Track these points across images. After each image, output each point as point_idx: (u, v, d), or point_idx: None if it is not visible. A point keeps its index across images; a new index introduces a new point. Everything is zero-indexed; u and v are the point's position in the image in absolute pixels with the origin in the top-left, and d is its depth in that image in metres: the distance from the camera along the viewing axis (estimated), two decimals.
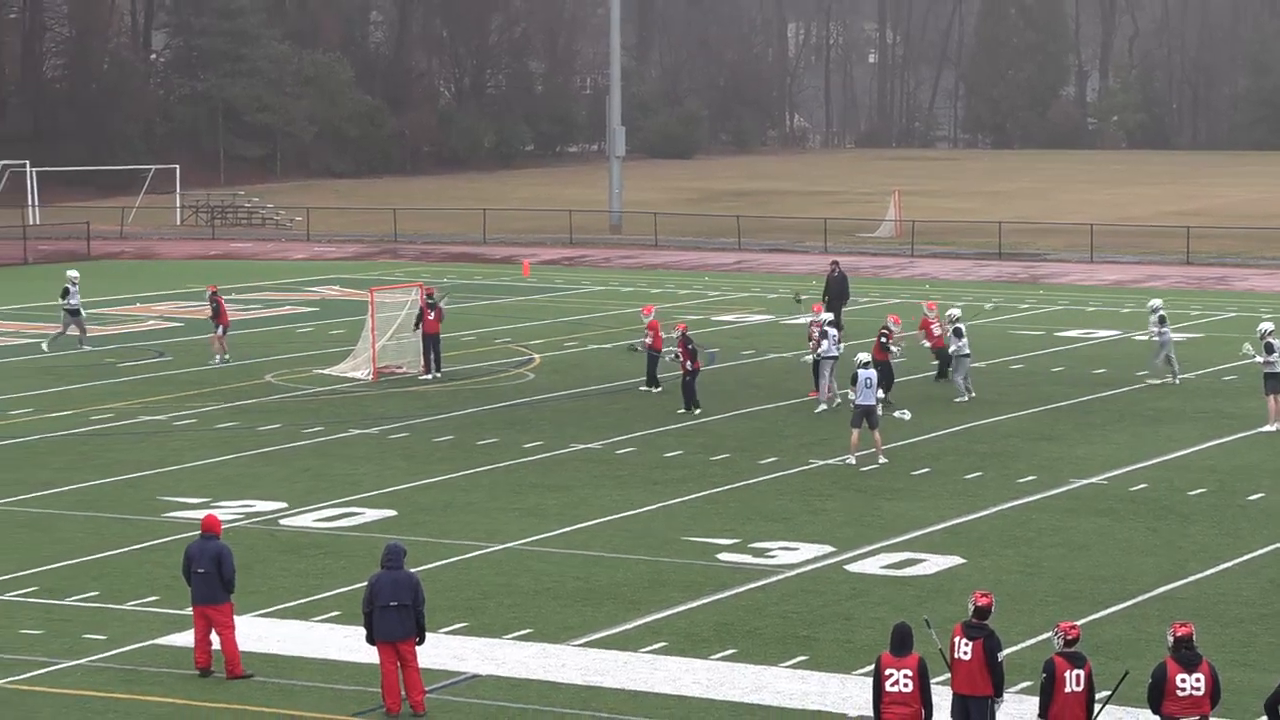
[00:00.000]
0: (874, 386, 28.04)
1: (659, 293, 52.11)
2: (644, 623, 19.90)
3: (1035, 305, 49.35)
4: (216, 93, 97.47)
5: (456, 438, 30.46)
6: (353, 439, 30.48)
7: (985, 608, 15.11)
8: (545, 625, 19.80)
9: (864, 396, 28.02)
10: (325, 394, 35.06)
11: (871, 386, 28.03)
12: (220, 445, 29.89)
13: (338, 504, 25.60)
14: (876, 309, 46.90)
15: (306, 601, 20.69)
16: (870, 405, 27.97)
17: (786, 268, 60.41)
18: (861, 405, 28.01)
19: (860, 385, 28.10)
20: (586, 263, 62.97)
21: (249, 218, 77.44)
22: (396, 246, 68.51)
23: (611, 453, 29.23)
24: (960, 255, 64.18)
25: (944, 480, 27.10)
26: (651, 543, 23.35)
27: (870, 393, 28.01)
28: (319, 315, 47.38)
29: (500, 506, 25.47)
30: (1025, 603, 20.47)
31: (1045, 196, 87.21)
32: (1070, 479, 27.12)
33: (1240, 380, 36.04)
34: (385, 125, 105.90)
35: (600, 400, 34.30)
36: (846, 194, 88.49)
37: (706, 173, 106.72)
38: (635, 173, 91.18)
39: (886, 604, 20.44)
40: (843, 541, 23.34)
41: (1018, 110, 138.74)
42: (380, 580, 17.06)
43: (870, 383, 28.05)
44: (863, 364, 28.46)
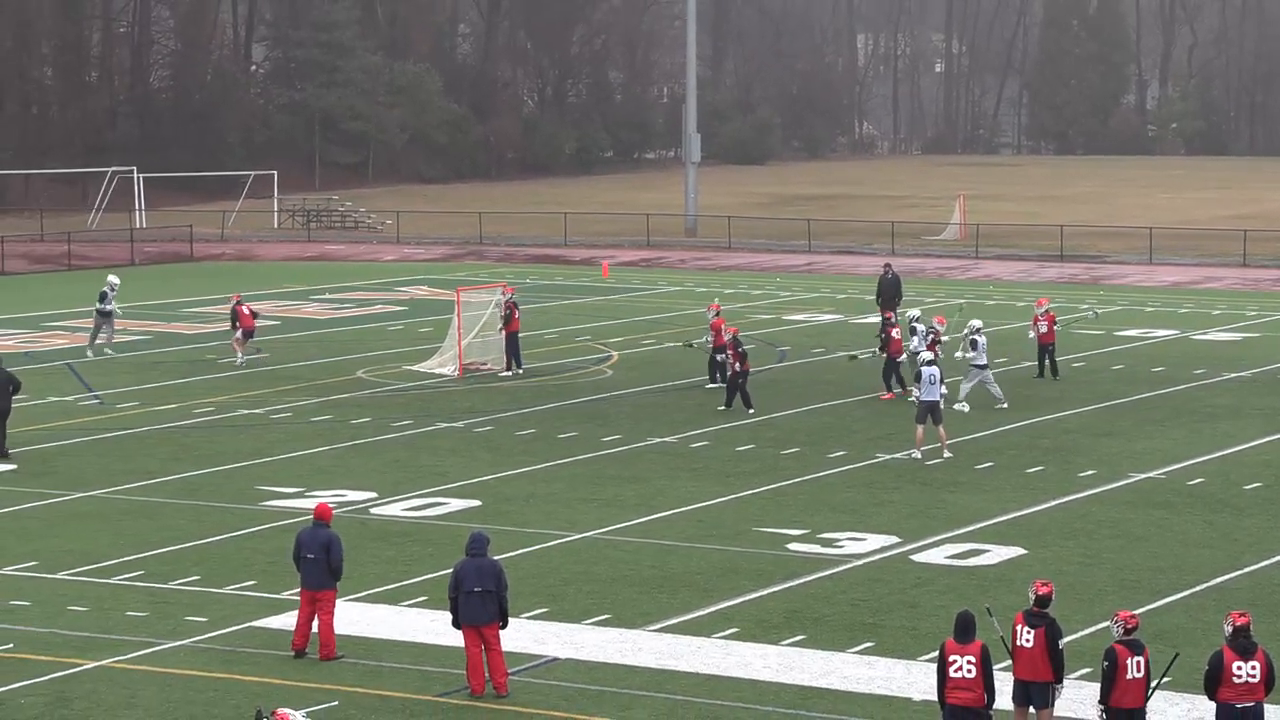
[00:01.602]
0: (938, 383, 27.90)
1: (732, 293, 52.03)
2: (717, 609, 19.88)
3: (1096, 305, 48.90)
4: (313, 102, 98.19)
5: (538, 431, 30.52)
6: (439, 432, 30.60)
7: (1046, 596, 15.00)
8: (622, 611, 19.81)
9: (928, 393, 27.90)
10: (413, 389, 35.22)
11: (935, 383, 27.91)
12: (314, 437, 30.08)
13: (425, 494, 25.71)
14: (941, 309, 46.64)
15: (395, 587, 20.79)
16: (935, 401, 27.83)
17: (856, 269, 60.17)
18: (926, 401, 27.89)
19: (924, 382, 28.02)
20: (663, 264, 62.95)
21: (342, 221, 77.92)
22: (481, 248, 68.71)
23: (686, 446, 29.20)
24: (1023, 257, 63.69)
25: (1006, 474, 26.91)
26: (724, 533, 23.32)
27: (934, 389, 27.88)
28: (408, 314, 47.60)
29: (579, 497, 25.50)
30: (1085, 592, 20.31)
31: (1106, 201, 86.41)
32: (1129, 473, 26.87)
33: None
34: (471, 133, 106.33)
35: (675, 396, 34.27)
36: (913, 198, 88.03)
37: (778, 178, 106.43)
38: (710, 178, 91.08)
39: (950, 593, 20.33)
40: (908, 532, 23.23)
41: (1080, 118, 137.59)
42: (465, 567, 17.11)
43: (934, 379, 27.94)
44: (926, 361, 28.38)
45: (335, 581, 18.20)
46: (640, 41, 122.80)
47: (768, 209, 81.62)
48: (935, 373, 28.06)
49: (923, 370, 28.15)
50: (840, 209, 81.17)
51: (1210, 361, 37.97)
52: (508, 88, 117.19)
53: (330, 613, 18.17)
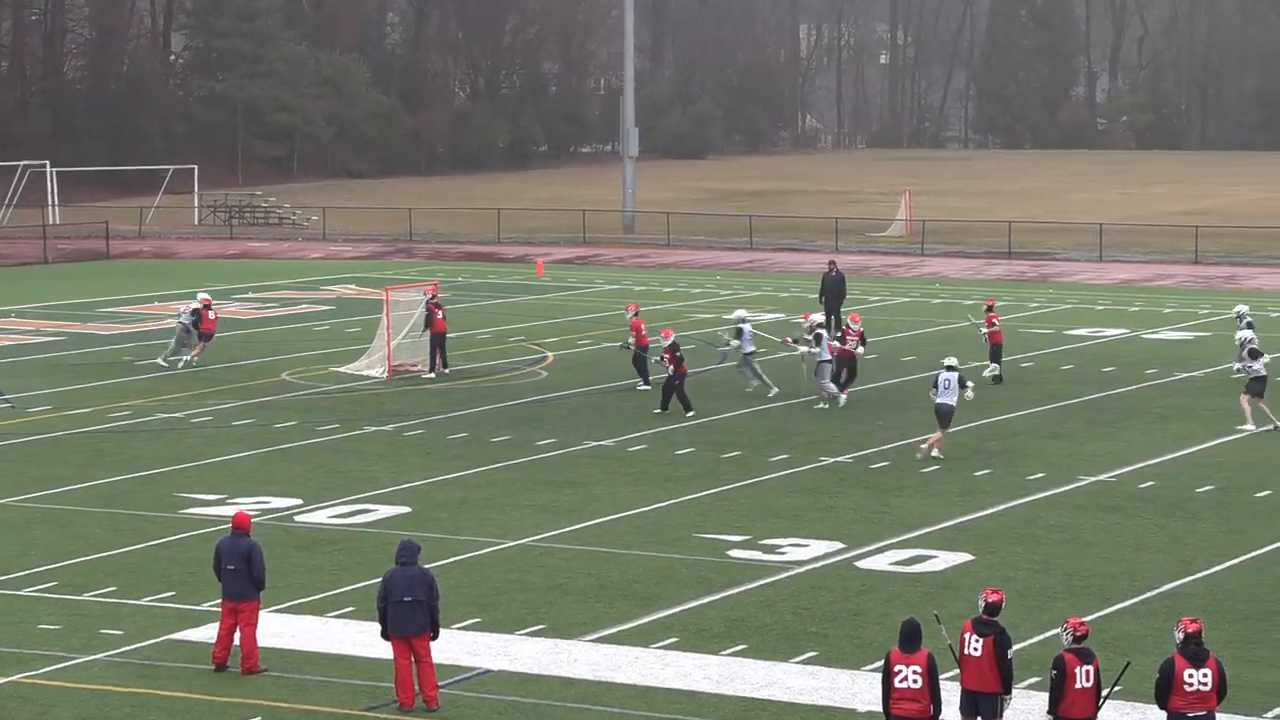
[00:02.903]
0: (953, 388, 28.36)
1: (671, 291, 52.08)
2: (655, 618, 19.87)
3: (1044, 304, 49.26)
4: (235, 93, 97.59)
5: (471, 435, 30.44)
6: (367, 436, 30.47)
7: (996, 604, 15.06)
8: (557, 621, 19.78)
9: (944, 396, 28.32)
10: (341, 392, 35.05)
11: (951, 388, 28.35)
12: (236, 442, 29.88)
13: (352, 500, 25.60)
14: (886, 308, 46.87)
15: (321, 597, 20.68)
16: (950, 405, 28.23)
17: (799, 267, 60.33)
18: (940, 405, 28.31)
19: (940, 386, 28.43)
20: (599, 262, 62.92)
21: (266, 217, 77.48)
22: (411, 246, 68.49)
23: (624, 450, 29.20)
24: (970, 254, 64.06)
25: (954, 477, 27.04)
26: (663, 539, 23.32)
27: (950, 393, 28.31)
28: (335, 314, 47.38)
29: (513, 503, 25.45)
30: (1034, 599, 20.42)
31: (1055, 196, 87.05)
32: (1079, 476, 27.06)
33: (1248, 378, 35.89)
34: (401, 125, 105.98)
35: (613, 398, 34.26)
36: (857, 193, 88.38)
37: (719, 173, 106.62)
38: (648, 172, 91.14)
39: (896, 600, 20.39)
40: (853, 538, 23.30)
41: (1028, 111, 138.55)
42: (394, 576, 17.04)
43: (949, 384, 28.39)
44: (946, 366, 28.81)
45: (258, 592, 18.09)
46: (576, 31, 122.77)
47: (708, 205, 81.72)
48: (951, 378, 28.50)
49: (939, 375, 28.62)
50: (782, 205, 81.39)
51: (1162, 361, 38.31)
52: (438, 79, 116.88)
53: (253, 624, 18.05)
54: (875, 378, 35.46)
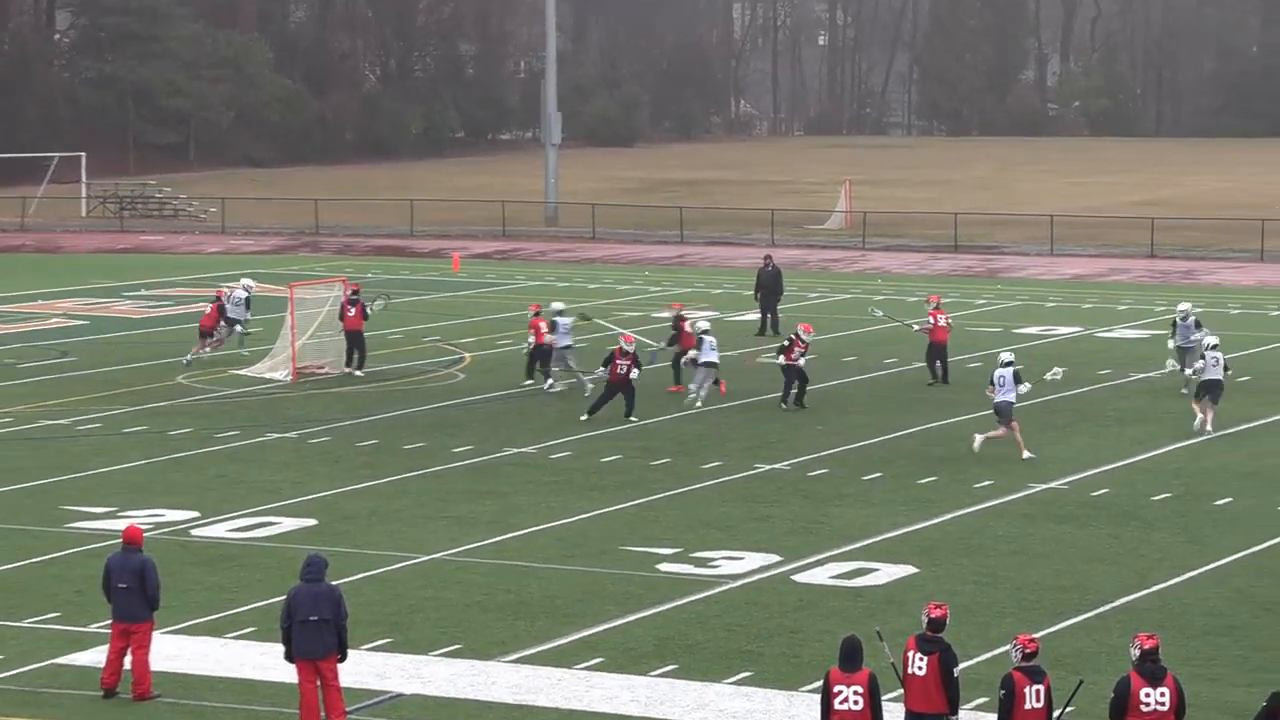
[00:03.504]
0: (1009, 384, 28.90)
1: (596, 288, 52.11)
2: (579, 637, 19.87)
3: (992, 300, 49.61)
4: (125, 75, 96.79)
5: (381, 442, 30.35)
6: (270, 444, 30.32)
7: (940, 620, 15.14)
8: (474, 640, 19.74)
9: (1003, 393, 29.00)
10: (241, 396, 34.87)
11: (1007, 385, 28.95)
12: (128, 451, 29.67)
13: (254, 513, 25.46)
14: (825, 305, 47.07)
15: (220, 617, 20.56)
16: (1010, 402, 28.86)
17: (732, 261, 60.49)
18: (999, 403, 28.97)
19: (997, 382, 29.04)
20: (520, 256, 62.86)
21: (160, 209, 76.95)
22: (318, 239, 68.16)
23: (546, 457, 29.19)
24: (914, 248, 64.43)
25: (896, 485, 27.18)
26: (588, 552, 23.33)
27: (1008, 390, 28.89)
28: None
29: (427, 515, 25.39)
30: (981, 614, 20.55)
31: (1003, 186, 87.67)
32: (1029, 484, 27.25)
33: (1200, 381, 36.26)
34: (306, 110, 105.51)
35: (534, 402, 34.24)
36: (794, 184, 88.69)
37: (647, 161, 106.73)
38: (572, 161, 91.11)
39: (835, 616, 20.47)
40: (789, 550, 23.38)
41: (974, 95, 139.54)
42: (299, 594, 16.96)
43: (1004, 381, 28.95)
44: (1003, 363, 29.32)
45: (151, 612, 17.97)
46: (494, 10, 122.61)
47: (635, 195, 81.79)
48: (1006, 374, 29.00)
49: (994, 373, 29.24)
50: (715, 195, 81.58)
51: (1116, 361, 38.65)
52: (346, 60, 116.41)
53: (145, 647, 17.93)
54: (814, 379, 35.59)
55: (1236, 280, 55.20)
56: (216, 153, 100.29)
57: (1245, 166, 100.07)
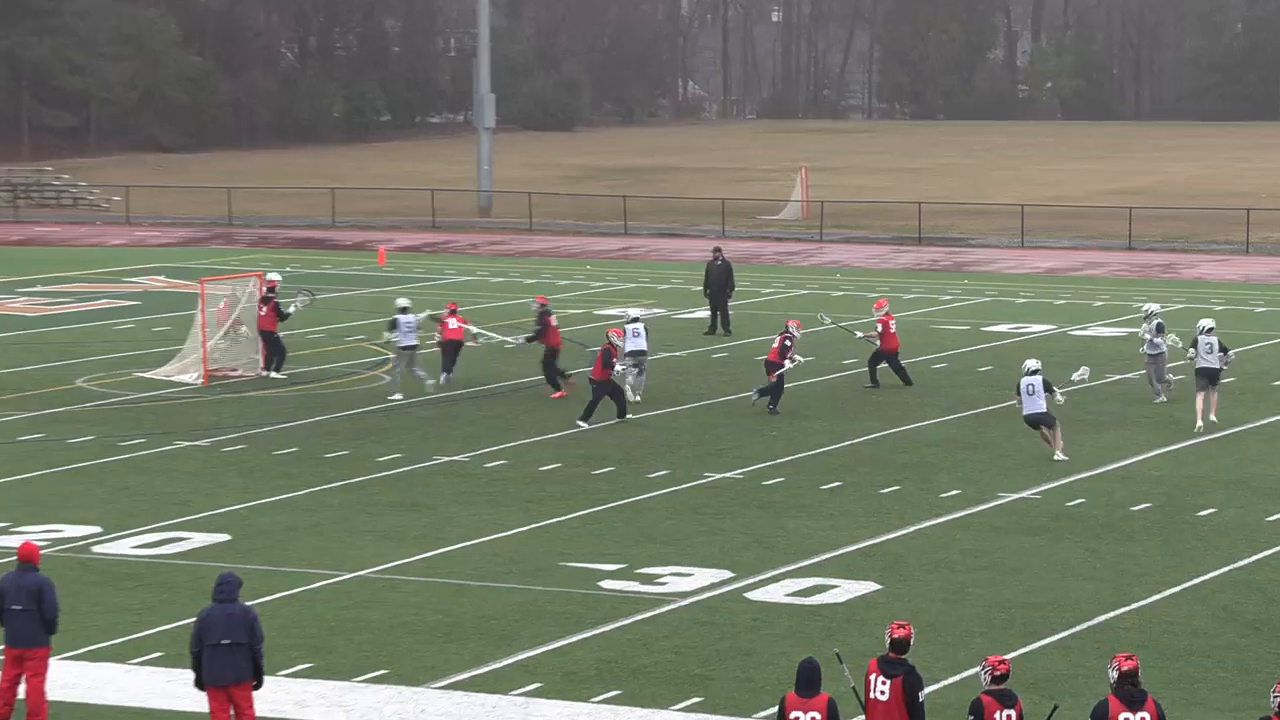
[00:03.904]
0: (1038, 393, 29.25)
1: (534, 284, 52.06)
2: (515, 661, 19.85)
3: (960, 296, 49.82)
4: (19, 52, 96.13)
5: (301, 450, 30.26)
6: (179, 452, 30.20)
7: (903, 640, 15.17)
8: (402, 665, 19.69)
9: (1029, 404, 29.32)
10: (148, 400, 34.71)
11: (1035, 393, 29.26)
12: (23, 461, 29.48)
13: (161, 528, 25.35)
14: (780, 302, 47.17)
15: (124, 641, 20.45)
16: (1040, 412, 29.23)
17: (681, 255, 60.55)
18: (1030, 415, 29.35)
19: (1024, 393, 29.40)
20: (451, 249, 62.77)
21: (58, 197, 76.52)
22: (231, 231, 67.90)
23: (479, 466, 29.16)
24: (875, 240, 64.65)
25: (857, 495, 27.26)
26: (525, 569, 23.31)
27: (1037, 399, 29.22)
28: (140, 310, 46.90)
29: (351, 529, 25.32)
30: (948, 634, 20.62)
31: (970, 174, 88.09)
32: (999, 493, 27.37)
33: (1191, 381, 36.53)
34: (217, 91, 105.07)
35: (467, 407, 34.21)
36: (747, 171, 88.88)
37: (588, 147, 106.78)
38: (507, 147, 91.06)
39: (792, 637, 20.51)
40: (742, 566, 23.41)
41: (939, 76, 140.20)
42: (211, 615, 16.89)
43: (1033, 389, 29.30)
44: (1030, 371, 29.60)
45: (48, 636, 17.84)
46: None
47: (576, 184, 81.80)
48: (1035, 383, 29.29)
49: (1021, 381, 29.45)
50: (661, 184, 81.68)
51: (1092, 361, 38.78)
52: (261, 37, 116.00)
53: (42, 674, 17.80)
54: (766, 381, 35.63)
55: (1220, 274, 55.62)
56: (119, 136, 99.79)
57: (1229, 152, 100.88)
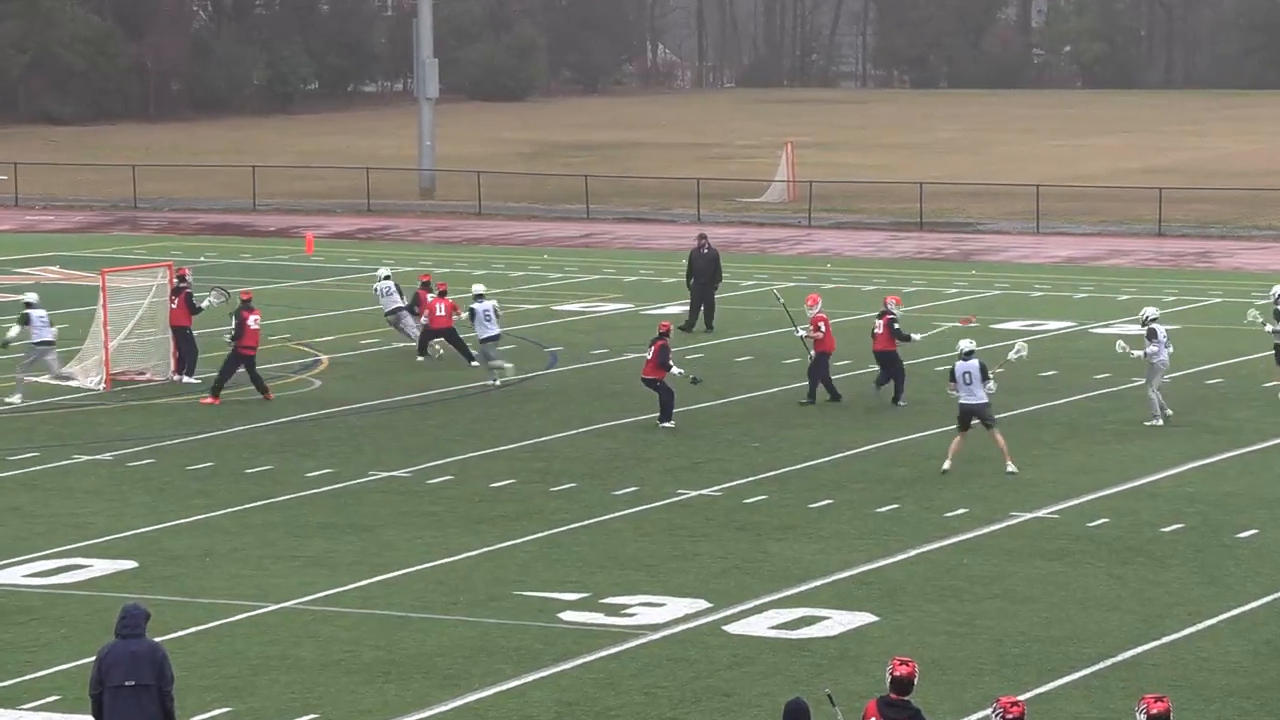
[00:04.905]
0: (976, 381, 29.14)
1: (484, 275, 52.05)
2: (464, 703, 19.86)
3: (966, 289, 49.93)
4: None
5: (218, 464, 30.23)
6: (78, 467, 30.14)
7: (907, 679, 15.22)
8: (334, 708, 19.70)
9: (966, 393, 29.13)
10: (40, 408, 34.64)
11: (974, 382, 29.14)
12: None
13: (57, 553, 25.29)
14: (763, 295, 47.22)
15: (15, 683, 20.42)
16: (981, 403, 29.13)
17: (649, 242, 60.57)
18: (968, 405, 29.18)
19: (960, 381, 29.22)
20: (389, 236, 62.71)
21: None
22: (137, 215, 67.75)
23: (422, 483, 29.16)
24: (871, 225, 64.76)
25: (850, 514, 27.30)
26: (474, 599, 23.32)
27: (975, 388, 29.11)
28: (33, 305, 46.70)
29: (275, 554, 25.30)
30: (955, 672, 20.68)
31: (978, 150, 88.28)
32: (1011, 512, 27.44)
33: (1228, 385, 36.72)
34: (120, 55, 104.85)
35: (409, 415, 34.19)
36: (725, 147, 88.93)
37: (544, 120, 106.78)
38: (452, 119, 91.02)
39: (777, 675, 20.55)
40: (721, 595, 23.44)
41: (944, 39, 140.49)
42: (114, 653, 16.86)
43: (971, 377, 29.15)
44: (964, 353, 29.42)
45: None
46: None
47: (530, 162, 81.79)
48: (973, 369, 29.16)
49: (957, 366, 29.29)
50: (628, 162, 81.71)
51: (1116, 363, 38.94)
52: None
53: None
54: (749, 386, 35.71)
55: (1262, 264, 55.80)
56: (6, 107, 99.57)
57: (1272, 125, 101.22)
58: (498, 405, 34.74)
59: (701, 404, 34.60)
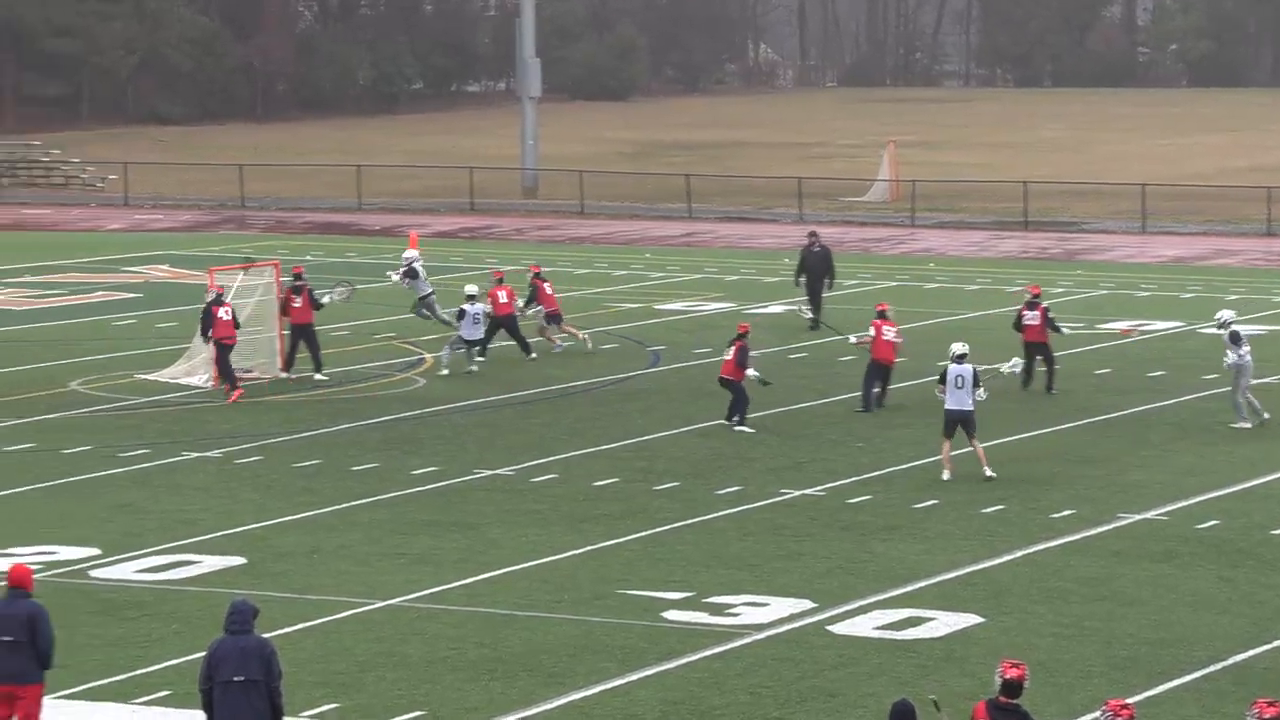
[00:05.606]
0: (967, 386, 28.82)
1: (586, 274, 52.16)
2: (569, 701, 19.88)
3: (1072, 289, 49.64)
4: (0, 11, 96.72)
5: (325, 462, 30.38)
6: (188, 464, 30.34)
7: (1016, 682, 15.13)
8: (440, 705, 19.75)
9: (955, 399, 28.85)
10: (151, 406, 34.87)
11: (965, 387, 28.81)
12: (11, 473, 29.66)
13: (167, 550, 25.46)
14: (865, 294, 47.08)
15: (126, 678, 20.56)
16: (967, 410, 28.80)
17: (751, 241, 60.49)
18: (952, 410, 28.85)
19: (950, 385, 28.90)
20: (492, 235, 62.85)
21: (48, 175, 76.96)
22: (244, 214, 68.15)
23: (526, 481, 29.21)
24: (974, 225, 64.47)
25: (956, 515, 27.20)
26: (578, 598, 23.35)
27: (964, 394, 28.81)
28: (142, 304, 47.13)
29: (381, 552, 25.40)
30: (1062, 674, 20.58)
31: (1083, 149, 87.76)
32: (1119, 514, 27.28)
33: None
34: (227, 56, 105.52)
35: (511, 414, 34.27)
36: (827, 146, 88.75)
37: (646, 119, 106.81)
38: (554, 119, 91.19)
39: (882, 675, 20.50)
40: (826, 595, 23.39)
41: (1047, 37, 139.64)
42: (223, 649, 16.97)
43: (963, 382, 28.82)
44: (956, 357, 29.08)
45: (42, 672, 17.96)
46: None
47: (633, 161, 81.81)
48: (965, 373, 28.85)
49: (950, 369, 29.01)
50: (730, 161, 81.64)
51: None
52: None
53: (36, 715, 17.94)
54: (851, 386, 35.59)
55: None
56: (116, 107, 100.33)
57: None
58: (600, 404, 34.78)
59: (804, 404, 34.56)
